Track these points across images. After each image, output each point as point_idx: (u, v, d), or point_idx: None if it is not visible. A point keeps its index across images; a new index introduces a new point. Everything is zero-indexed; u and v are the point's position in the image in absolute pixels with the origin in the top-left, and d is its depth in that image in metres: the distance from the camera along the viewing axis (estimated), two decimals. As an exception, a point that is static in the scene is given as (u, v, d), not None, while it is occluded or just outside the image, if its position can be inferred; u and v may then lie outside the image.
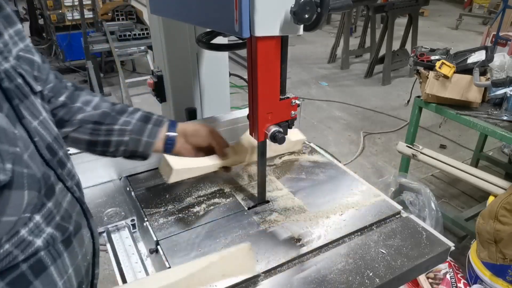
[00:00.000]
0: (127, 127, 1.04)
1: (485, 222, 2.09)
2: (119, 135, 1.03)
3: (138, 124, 1.05)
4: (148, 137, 1.05)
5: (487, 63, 2.42)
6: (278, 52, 1.00)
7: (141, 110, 1.11)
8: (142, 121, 1.06)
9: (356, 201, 1.27)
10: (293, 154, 1.55)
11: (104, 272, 2.67)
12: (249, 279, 0.98)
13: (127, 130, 1.03)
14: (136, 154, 1.06)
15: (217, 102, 1.82)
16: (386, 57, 5.79)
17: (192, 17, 1.12)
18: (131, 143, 1.04)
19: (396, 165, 3.77)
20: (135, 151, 1.05)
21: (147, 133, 1.05)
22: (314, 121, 4.79)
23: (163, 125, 1.08)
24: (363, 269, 1.01)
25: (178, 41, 1.62)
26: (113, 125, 1.02)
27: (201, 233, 1.13)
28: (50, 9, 5.79)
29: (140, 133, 1.04)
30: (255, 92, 1.02)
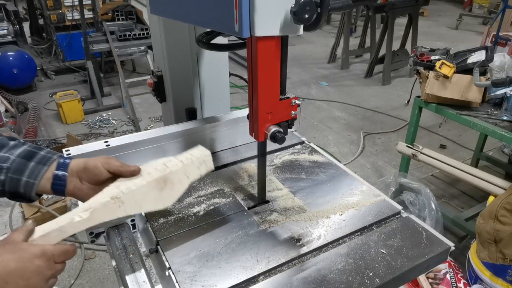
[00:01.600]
0: (4, 164, 0.91)
1: (485, 222, 2.09)
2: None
3: (18, 161, 0.92)
4: (29, 177, 0.92)
5: (487, 63, 2.42)
6: (278, 52, 1.00)
7: (28, 145, 0.97)
8: (24, 158, 0.93)
9: (356, 201, 1.27)
10: (293, 154, 1.55)
11: (104, 272, 2.67)
12: (249, 279, 0.98)
13: (3, 168, 0.91)
14: (19, 195, 0.93)
15: (217, 102, 1.82)
16: (386, 57, 5.79)
17: (192, 17, 1.12)
18: (8, 184, 0.91)
19: (396, 165, 3.77)
20: (16, 192, 0.93)
21: (27, 172, 0.92)
22: (314, 121, 4.79)
23: (49, 163, 0.94)
24: (363, 269, 1.01)
25: (178, 41, 1.62)
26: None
27: (201, 233, 1.13)
28: (50, 9, 5.79)
29: (19, 172, 0.91)
30: (255, 92, 1.02)
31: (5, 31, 5.69)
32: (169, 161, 1.07)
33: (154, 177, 1.01)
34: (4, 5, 6.17)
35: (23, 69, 5.24)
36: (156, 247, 1.09)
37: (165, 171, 1.04)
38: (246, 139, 1.58)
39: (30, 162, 0.93)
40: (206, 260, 1.03)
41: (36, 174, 0.92)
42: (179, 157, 1.10)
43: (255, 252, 1.06)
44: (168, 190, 1.04)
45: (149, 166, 1.05)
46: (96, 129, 4.63)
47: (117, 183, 0.99)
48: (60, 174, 0.95)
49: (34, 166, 0.93)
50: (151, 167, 1.05)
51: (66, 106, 4.63)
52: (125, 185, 0.97)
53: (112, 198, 0.94)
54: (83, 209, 0.91)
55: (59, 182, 0.95)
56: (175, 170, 1.05)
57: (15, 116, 4.64)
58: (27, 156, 0.93)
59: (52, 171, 0.94)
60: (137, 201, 0.98)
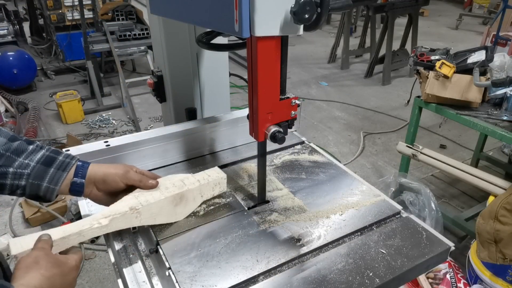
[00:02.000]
0: (24, 171, 0.93)
1: (485, 222, 2.09)
2: (14, 178, 0.92)
3: (38, 167, 0.94)
4: (49, 182, 0.95)
5: (487, 63, 2.42)
6: (278, 52, 1.00)
7: (45, 149, 0.99)
8: (44, 164, 0.95)
9: (356, 201, 1.27)
10: (293, 154, 1.55)
11: (104, 272, 2.67)
12: (249, 279, 0.98)
13: (24, 174, 0.93)
14: (38, 197, 0.97)
15: (217, 102, 1.82)
16: (386, 57, 5.79)
17: (192, 17, 1.12)
18: (29, 188, 0.94)
19: (396, 165, 3.77)
20: (36, 195, 0.96)
21: (48, 179, 0.95)
22: (314, 121, 4.79)
23: (69, 169, 0.97)
24: (363, 269, 1.01)
25: (178, 41, 1.62)
26: (7, 168, 0.92)
27: (201, 233, 1.13)
28: (50, 9, 5.79)
29: (40, 178, 0.94)
30: (255, 92, 1.02)
31: (5, 31, 5.69)
32: (187, 178, 1.16)
33: (172, 193, 1.09)
34: (4, 5, 6.18)
35: (23, 69, 5.24)
36: (156, 247, 1.09)
37: (182, 188, 1.12)
38: (246, 139, 1.58)
39: (50, 168, 0.96)
40: (206, 260, 1.03)
41: (57, 180, 0.96)
42: (197, 176, 1.18)
43: (255, 252, 1.06)
44: (182, 206, 1.13)
45: (167, 180, 1.13)
46: (96, 129, 4.63)
47: (137, 193, 1.05)
48: (78, 182, 0.99)
49: (54, 172, 0.96)
50: (169, 181, 1.12)
51: (66, 106, 4.63)
52: (144, 197, 1.05)
53: (131, 208, 1.00)
54: (103, 216, 0.97)
55: (77, 188, 1.00)
56: (191, 188, 1.14)
57: (15, 116, 4.64)
58: (46, 162, 0.96)
59: (70, 178, 0.98)
60: (152, 214, 1.06)
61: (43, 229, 2.99)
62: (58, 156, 0.99)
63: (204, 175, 1.20)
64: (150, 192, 1.07)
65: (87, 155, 1.30)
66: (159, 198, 1.06)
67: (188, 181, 1.15)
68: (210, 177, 1.20)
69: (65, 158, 0.99)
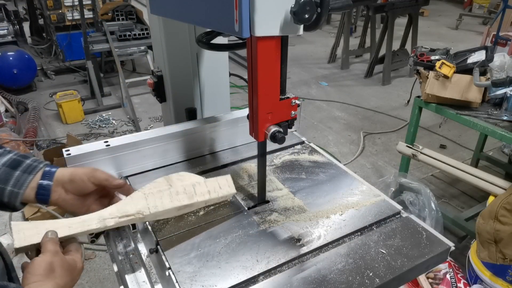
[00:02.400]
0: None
1: (485, 222, 2.09)
2: None
3: (3, 170, 0.90)
4: (14, 186, 0.90)
5: (487, 63, 2.42)
6: (278, 52, 1.00)
7: (13, 153, 0.96)
8: (9, 167, 0.91)
9: (356, 201, 1.27)
10: (293, 154, 1.55)
11: (104, 272, 2.67)
12: (249, 279, 0.98)
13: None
14: (3, 204, 0.92)
15: (217, 102, 1.82)
16: (386, 57, 5.79)
17: (192, 17, 1.12)
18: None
19: (396, 165, 3.77)
20: (0, 201, 0.91)
21: (12, 182, 0.90)
22: (314, 121, 4.79)
23: (35, 172, 0.93)
24: (363, 269, 1.01)
25: (178, 41, 1.62)
26: None
27: (201, 233, 1.13)
28: (50, 9, 5.79)
29: (4, 181, 0.90)
30: (255, 92, 1.02)
31: (5, 31, 5.69)
32: (198, 184, 1.16)
33: (181, 203, 1.10)
34: (4, 5, 6.18)
35: (23, 69, 5.24)
36: (156, 247, 1.09)
37: (192, 199, 1.13)
38: (246, 139, 1.58)
39: (15, 171, 0.91)
40: (206, 260, 1.03)
41: (21, 184, 0.91)
42: (208, 185, 1.18)
43: (255, 252, 1.06)
44: (185, 210, 1.16)
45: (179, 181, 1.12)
46: (96, 129, 4.63)
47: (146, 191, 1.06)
48: (45, 184, 0.94)
49: (20, 175, 0.91)
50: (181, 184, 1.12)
51: (66, 106, 4.63)
52: (153, 202, 1.05)
53: (138, 213, 1.02)
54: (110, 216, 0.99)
55: (43, 191, 0.94)
56: (201, 201, 1.15)
57: (15, 116, 4.64)
58: (12, 165, 0.92)
59: (37, 181, 0.93)
60: (156, 215, 1.07)
61: (43, 229, 3.00)
62: (25, 160, 0.95)
63: (215, 185, 1.18)
64: (160, 195, 1.06)
65: (87, 155, 1.30)
66: (168, 207, 1.06)
67: (199, 189, 1.14)
68: (221, 191, 1.19)
69: (33, 162, 0.95)
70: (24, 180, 0.92)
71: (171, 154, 1.46)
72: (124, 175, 1.40)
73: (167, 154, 1.45)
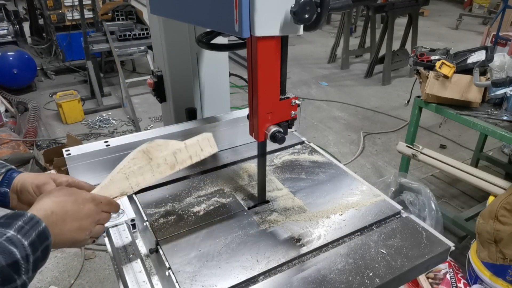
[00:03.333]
0: None
1: (485, 222, 2.09)
2: None
3: None
4: None
5: (487, 63, 2.42)
6: (278, 52, 1.00)
7: None
8: None
9: (356, 201, 1.27)
10: (293, 154, 1.55)
11: (104, 272, 2.67)
12: (249, 279, 0.98)
13: None
14: None
15: (217, 102, 1.82)
16: (386, 57, 5.79)
17: (192, 17, 1.12)
18: None
19: (396, 165, 3.77)
20: None
21: None
22: (314, 121, 4.79)
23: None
24: (363, 269, 1.01)
25: (178, 41, 1.62)
26: None
27: (201, 233, 1.13)
28: (50, 9, 5.79)
29: None
30: (255, 92, 1.02)
31: (5, 31, 5.68)
32: (179, 151, 1.09)
33: (163, 174, 1.05)
34: (4, 5, 6.17)
35: (23, 69, 5.24)
36: (156, 247, 1.09)
37: (174, 168, 1.07)
38: (246, 139, 1.59)
39: None
40: (206, 260, 1.03)
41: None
42: (190, 150, 1.11)
43: (255, 252, 1.06)
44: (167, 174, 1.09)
45: (160, 152, 1.05)
46: (96, 129, 4.63)
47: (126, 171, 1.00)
48: (2, 191, 0.94)
49: None
50: (162, 154, 1.05)
51: (66, 106, 4.63)
52: (136, 180, 1.00)
53: (121, 194, 0.99)
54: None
55: (1, 198, 0.94)
56: (183, 168, 1.09)
57: (15, 116, 4.64)
58: None
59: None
60: (139, 186, 1.03)
61: (43, 229, 2.99)
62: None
63: (197, 149, 1.13)
64: (141, 171, 1.02)
65: (87, 155, 1.30)
66: (150, 182, 1.03)
67: (180, 157, 1.09)
68: (202, 153, 1.14)
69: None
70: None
71: (171, 154, 1.46)
72: (124, 175, 1.40)
73: (167, 154, 1.45)
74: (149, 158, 1.04)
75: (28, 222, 0.71)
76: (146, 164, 1.02)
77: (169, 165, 1.06)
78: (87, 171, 1.32)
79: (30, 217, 0.72)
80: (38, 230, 0.72)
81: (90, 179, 1.34)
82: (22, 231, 0.69)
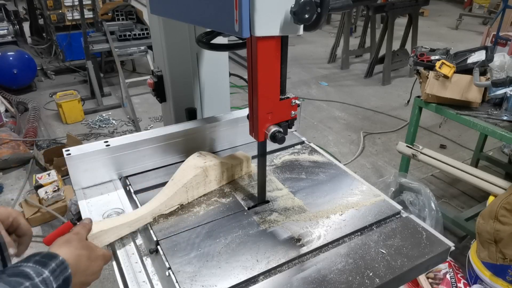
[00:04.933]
0: None
1: (485, 222, 2.09)
2: None
3: None
4: None
5: (487, 63, 2.42)
6: (278, 52, 1.00)
7: None
8: None
9: (356, 201, 1.27)
10: (293, 154, 1.55)
11: (104, 272, 2.66)
12: (249, 279, 0.98)
13: None
14: None
15: (217, 102, 1.82)
16: (386, 57, 5.79)
17: (192, 17, 1.12)
18: None
19: (396, 165, 3.77)
20: None
21: None
22: (314, 121, 4.79)
23: None
24: (363, 269, 1.01)
25: (178, 41, 1.62)
26: None
27: (201, 233, 1.13)
28: (50, 9, 5.79)
29: None
30: (255, 92, 1.02)
31: (5, 31, 5.69)
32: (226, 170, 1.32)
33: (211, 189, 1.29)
34: (4, 5, 6.17)
35: (23, 69, 5.24)
36: (156, 247, 1.09)
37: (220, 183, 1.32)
38: (246, 139, 1.58)
39: None
40: (206, 260, 1.03)
41: None
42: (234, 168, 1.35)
43: (255, 252, 1.06)
44: None
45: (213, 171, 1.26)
46: (96, 129, 4.63)
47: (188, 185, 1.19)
48: None
49: None
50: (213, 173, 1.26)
51: (66, 106, 4.63)
52: (192, 193, 1.20)
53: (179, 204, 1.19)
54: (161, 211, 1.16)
55: None
56: (225, 182, 1.33)
57: (15, 116, 4.64)
58: None
59: None
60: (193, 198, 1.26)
61: (43, 229, 3.00)
62: None
63: (238, 169, 1.35)
64: (197, 186, 1.20)
65: (87, 155, 1.30)
66: (200, 194, 1.21)
67: (226, 175, 1.30)
68: (241, 172, 1.37)
69: None
70: None
71: (171, 154, 1.46)
72: (124, 175, 1.40)
73: (167, 154, 1.45)
74: (206, 175, 1.21)
75: (59, 265, 0.77)
76: (202, 180, 1.19)
77: (217, 181, 1.25)
78: (87, 171, 1.32)
79: (62, 261, 0.78)
80: (65, 276, 0.77)
81: (91, 179, 1.34)
82: (54, 273, 0.74)
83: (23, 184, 3.50)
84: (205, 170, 1.20)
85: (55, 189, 3.11)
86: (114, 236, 1.08)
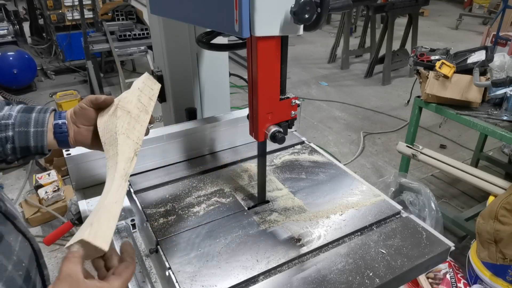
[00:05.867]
0: (8, 121, 0.90)
1: (485, 222, 2.09)
2: (1, 130, 0.89)
3: (20, 115, 0.92)
4: (36, 126, 0.92)
5: (487, 63, 2.42)
6: (278, 52, 1.00)
7: (22, 104, 1.00)
8: (25, 112, 0.93)
9: (356, 201, 1.27)
10: (293, 154, 1.55)
11: (104, 272, 2.67)
12: (249, 279, 0.98)
13: (9, 124, 0.90)
14: (30, 150, 0.93)
15: (217, 102, 1.82)
16: (386, 57, 5.79)
17: (192, 17, 1.12)
18: (17, 138, 0.90)
19: (396, 165, 3.77)
20: (27, 146, 0.92)
21: (33, 123, 0.92)
22: (314, 121, 4.79)
23: (49, 112, 0.96)
24: (363, 269, 1.01)
25: (178, 41, 1.62)
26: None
27: (201, 233, 1.13)
28: (50, 9, 5.79)
29: (25, 124, 0.91)
30: (255, 92, 1.02)
31: (5, 31, 5.68)
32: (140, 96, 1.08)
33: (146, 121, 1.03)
34: (4, 5, 6.17)
35: (23, 69, 5.24)
36: (156, 247, 1.09)
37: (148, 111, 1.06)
38: (246, 139, 1.59)
39: (31, 113, 0.93)
40: (206, 260, 1.03)
41: (42, 122, 0.93)
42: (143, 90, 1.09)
43: (255, 252, 1.06)
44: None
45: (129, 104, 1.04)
46: (96, 129, 4.63)
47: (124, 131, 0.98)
48: (60, 122, 0.95)
49: (37, 116, 0.93)
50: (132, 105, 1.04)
51: (66, 106, 4.63)
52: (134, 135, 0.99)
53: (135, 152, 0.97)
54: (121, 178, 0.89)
55: (60, 130, 0.95)
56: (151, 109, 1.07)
57: (15, 116, 4.64)
58: (26, 110, 0.94)
59: (52, 121, 0.95)
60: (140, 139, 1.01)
61: (43, 229, 3.00)
62: (35, 106, 0.98)
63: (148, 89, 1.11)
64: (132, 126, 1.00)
65: (87, 155, 1.30)
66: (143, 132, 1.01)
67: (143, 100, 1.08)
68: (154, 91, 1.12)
69: (42, 107, 0.98)
70: (43, 118, 0.93)
71: (171, 154, 1.46)
72: (124, 175, 1.40)
73: (167, 154, 1.46)
74: (127, 111, 1.02)
75: None
76: (129, 118, 1.02)
77: (142, 111, 1.06)
78: (87, 171, 1.32)
79: None
80: None
81: (90, 179, 1.35)
82: None
83: (23, 184, 3.50)
84: (120, 107, 1.02)
85: (55, 189, 3.11)
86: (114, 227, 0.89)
